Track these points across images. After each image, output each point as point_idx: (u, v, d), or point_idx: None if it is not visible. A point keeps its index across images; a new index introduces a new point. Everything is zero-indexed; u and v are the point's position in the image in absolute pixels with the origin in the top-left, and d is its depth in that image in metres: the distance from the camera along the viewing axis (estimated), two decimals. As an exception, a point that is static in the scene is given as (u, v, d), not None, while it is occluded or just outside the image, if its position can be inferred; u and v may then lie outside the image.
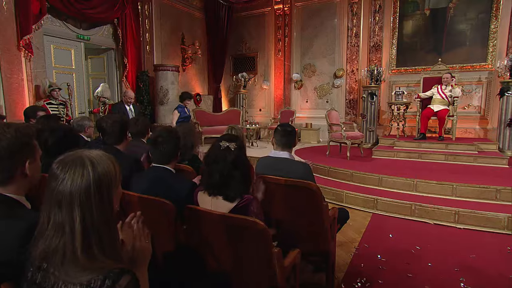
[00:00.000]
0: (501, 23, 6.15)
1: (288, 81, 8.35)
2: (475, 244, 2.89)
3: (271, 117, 8.41)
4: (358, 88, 7.54)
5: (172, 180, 1.69)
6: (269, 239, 1.35)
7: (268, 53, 8.54)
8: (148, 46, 6.92)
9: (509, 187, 3.47)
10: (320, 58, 7.95)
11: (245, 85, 8.35)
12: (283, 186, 1.87)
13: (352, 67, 7.58)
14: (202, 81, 8.61)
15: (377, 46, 7.30)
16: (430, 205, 3.45)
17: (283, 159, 2.02)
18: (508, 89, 5.49)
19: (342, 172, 4.50)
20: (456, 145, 5.27)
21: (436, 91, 5.80)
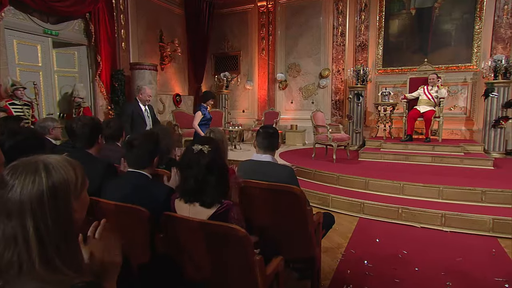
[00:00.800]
0: (485, 23, 6.45)
1: (273, 81, 8.42)
2: (462, 247, 3.00)
3: (254, 119, 8.44)
4: (344, 89, 7.69)
5: (148, 186, 1.67)
6: (250, 247, 1.36)
7: (251, 52, 8.59)
8: (123, 43, 6.82)
9: (494, 189, 3.63)
10: (305, 58, 8.07)
11: (228, 85, 8.35)
12: (266, 191, 1.89)
13: (338, 67, 7.73)
14: (182, 81, 8.55)
15: (363, 45, 7.49)
16: (417, 209, 3.56)
17: (265, 162, 2.04)
18: (492, 90, 5.76)
19: (328, 175, 4.57)
20: (442, 146, 5.47)
21: (422, 92, 6.00)
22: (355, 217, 3.79)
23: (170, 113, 7.57)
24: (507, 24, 6.21)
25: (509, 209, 3.45)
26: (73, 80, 6.15)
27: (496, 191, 3.61)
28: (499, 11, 6.25)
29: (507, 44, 6.25)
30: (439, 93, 5.83)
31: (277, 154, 6.24)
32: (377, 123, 6.91)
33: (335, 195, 4.08)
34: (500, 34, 6.28)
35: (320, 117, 6.03)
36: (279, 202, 1.90)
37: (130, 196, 1.60)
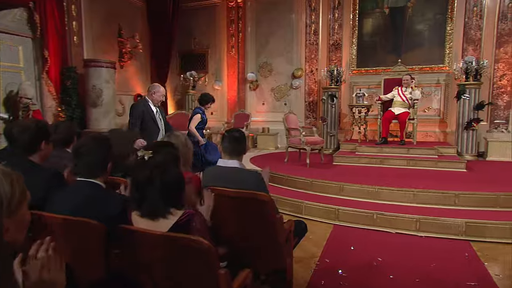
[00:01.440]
0: (456, 25, 6.89)
1: (243, 81, 8.46)
2: (436, 252, 3.16)
3: (224, 121, 8.43)
4: (318, 90, 7.89)
5: (101, 196, 1.63)
6: (215, 260, 1.36)
7: (220, 50, 8.59)
8: (75, 37, 6.57)
9: (466, 192, 3.87)
10: (277, 57, 8.19)
11: (195, 86, 8.29)
12: (233, 199, 1.89)
13: (312, 67, 7.92)
14: (144, 80, 8.38)
15: (337, 44, 7.73)
16: (392, 214, 3.71)
17: (232, 168, 2.05)
18: (464, 91, 6.15)
19: (301, 180, 4.66)
20: (417, 149, 5.75)
21: (396, 93, 6.29)
22: (330, 224, 3.87)
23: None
24: (476, 26, 6.68)
25: (480, 211, 3.68)
26: (16, 77, 5.83)
27: (468, 194, 3.84)
28: (469, 12, 6.70)
29: (477, 45, 6.71)
30: (413, 94, 6.14)
31: (248, 158, 6.27)
32: (351, 125, 7.15)
33: (308, 201, 4.15)
34: (471, 36, 6.74)
35: (293, 119, 6.14)
36: (247, 210, 1.91)
37: (81, 209, 1.54)
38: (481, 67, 6.07)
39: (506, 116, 6.61)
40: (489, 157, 6.18)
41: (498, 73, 6.60)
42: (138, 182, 1.47)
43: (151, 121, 3.93)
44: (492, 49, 6.63)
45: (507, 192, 3.82)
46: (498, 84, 6.61)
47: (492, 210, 3.72)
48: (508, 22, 6.43)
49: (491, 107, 6.61)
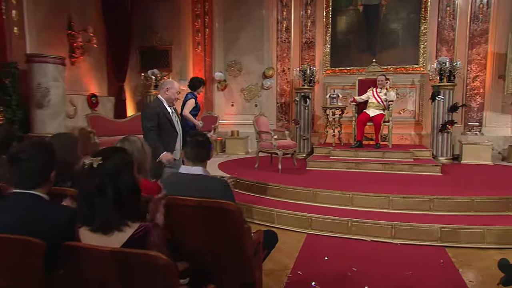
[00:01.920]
0: (430, 24, 7.25)
1: (210, 81, 8.42)
2: (411, 259, 3.27)
3: (189, 124, 8.33)
4: (291, 90, 8.00)
5: (43, 210, 1.54)
6: (174, 276, 1.33)
7: (185, 46, 8.52)
8: (16, 28, 6.23)
9: (441, 196, 4.05)
10: (247, 55, 8.24)
11: (157, 85, 8.14)
12: (196, 208, 1.87)
13: (283, 66, 8.03)
14: (99, 79, 8.12)
15: (309, 43, 7.89)
16: (367, 221, 3.81)
17: (195, 175, 2.03)
18: (438, 93, 6.47)
19: (273, 187, 4.69)
20: (392, 153, 5.97)
21: (371, 95, 6.51)
22: (303, 233, 3.92)
23: (84, 117, 7.11)
24: (449, 26, 7.06)
25: (455, 216, 3.86)
26: None
27: (443, 199, 4.02)
28: (442, 12, 7.08)
29: (450, 46, 7.09)
30: (388, 95, 6.37)
31: (216, 164, 6.24)
32: (325, 128, 7.30)
33: (280, 209, 4.18)
34: (444, 36, 7.11)
35: (264, 122, 6.18)
36: (212, 220, 1.89)
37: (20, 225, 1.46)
38: (455, 68, 6.41)
39: (479, 118, 7.01)
40: (464, 160, 6.52)
41: (471, 75, 7.00)
42: (86, 193, 1.41)
43: (168, 124, 3.57)
44: (465, 50, 7.03)
45: (480, 196, 4.03)
46: (471, 86, 7.01)
47: (466, 214, 3.91)
48: (479, 23, 6.85)
49: (465, 109, 6.99)
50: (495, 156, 6.71)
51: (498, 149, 6.90)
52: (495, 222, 3.66)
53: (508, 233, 3.49)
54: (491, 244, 3.46)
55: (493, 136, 6.87)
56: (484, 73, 6.96)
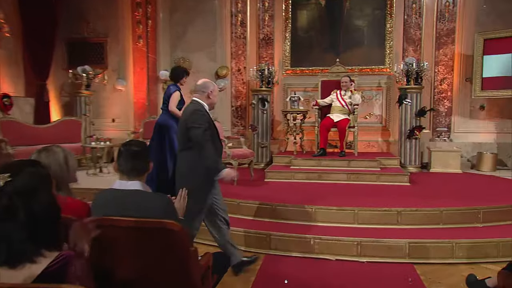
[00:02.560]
0: (396, 22, 7.65)
1: (154, 80, 8.31)
2: (378, 279, 3.39)
3: (130, 131, 8.10)
4: (247, 92, 8.06)
5: None
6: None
7: (123, 39, 8.34)
8: None
9: (409, 208, 4.25)
10: (197, 51, 8.21)
11: (89, 84, 7.90)
12: (131, 230, 1.81)
13: (239, 65, 8.09)
14: (13, 76, 7.69)
15: (267, 39, 8.02)
16: (331, 237, 3.90)
17: (131, 192, 1.97)
18: (406, 96, 6.82)
19: (227, 202, 4.61)
20: (358, 161, 6.18)
21: (335, 98, 6.72)
22: (261, 253, 3.92)
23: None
24: (416, 24, 7.49)
25: (424, 230, 4.07)
26: None
27: (411, 211, 4.21)
28: (408, 9, 7.50)
29: (417, 46, 7.52)
30: (353, 99, 6.61)
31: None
32: (286, 134, 7.42)
33: (235, 227, 4.14)
34: (411, 35, 7.53)
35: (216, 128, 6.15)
36: (151, 243, 1.84)
37: None
38: (422, 70, 6.80)
39: (448, 123, 7.48)
40: (432, 169, 6.90)
41: (439, 77, 7.46)
42: None
43: (216, 135, 3.32)
44: (432, 50, 7.49)
45: (449, 207, 4.27)
46: (439, 89, 7.48)
47: (435, 227, 4.13)
48: (446, 22, 7.34)
49: (433, 113, 7.43)
50: (464, 164, 7.17)
51: (467, 156, 7.39)
52: (464, 234, 3.89)
53: (477, 246, 3.72)
54: (460, 259, 3.67)
55: (462, 142, 7.35)
56: (451, 75, 7.45)
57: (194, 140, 3.00)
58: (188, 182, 2.78)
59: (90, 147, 6.74)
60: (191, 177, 3.02)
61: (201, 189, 3.05)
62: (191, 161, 3.05)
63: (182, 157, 3.15)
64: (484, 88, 7.10)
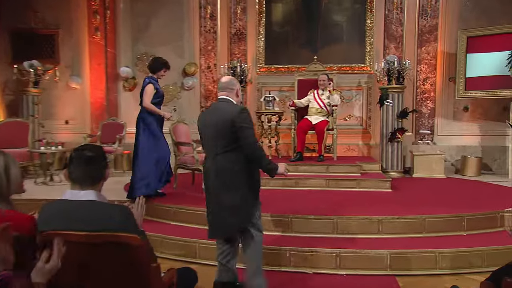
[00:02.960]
0: (376, 18, 7.82)
1: (114, 77, 8.22)
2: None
3: (86, 134, 7.98)
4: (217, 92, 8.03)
5: None
6: None
7: (78, 31, 8.22)
8: None
9: (390, 216, 4.32)
10: (162, 46, 8.14)
11: (38, 81, 7.72)
12: (84, 246, 1.77)
13: (208, 62, 8.06)
14: None
15: (240, 34, 8.03)
16: (308, 249, 3.92)
17: (85, 202, 1.92)
18: (387, 96, 6.97)
19: (196, 212, 4.64)
20: (337, 166, 6.26)
21: (312, 98, 6.78)
22: (230, 268, 3.93)
23: None
24: (397, 20, 7.67)
25: (406, 239, 4.14)
26: None
27: (393, 219, 4.29)
28: (389, 4, 7.68)
29: (399, 43, 7.71)
30: (332, 99, 6.68)
31: (122, 185, 6.00)
32: (260, 137, 7.43)
33: (204, 240, 4.09)
34: (392, 32, 7.71)
35: (183, 130, 6.12)
36: (107, 260, 1.81)
37: None
38: (404, 69, 6.97)
39: (431, 125, 7.69)
40: (415, 174, 7.08)
41: (421, 76, 7.67)
42: None
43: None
44: (414, 48, 7.70)
45: (432, 214, 4.38)
46: (422, 89, 7.68)
47: (417, 236, 4.21)
48: (428, 18, 7.56)
49: (416, 115, 7.62)
50: (448, 168, 7.39)
51: (451, 160, 7.62)
52: (448, 243, 3.98)
53: (461, 255, 3.81)
54: (444, 270, 3.76)
55: (446, 145, 7.57)
56: (434, 74, 7.67)
57: (246, 141, 3.01)
58: (241, 185, 3.03)
59: (39, 152, 6.55)
60: (244, 180, 3.09)
61: (255, 190, 3.23)
62: (242, 162, 3.05)
63: (226, 159, 3.06)
64: (468, 88, 7.33)
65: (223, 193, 3.03)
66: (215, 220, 3.13)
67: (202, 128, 3.24)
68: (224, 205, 3.04)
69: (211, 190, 3.13)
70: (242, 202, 3.05)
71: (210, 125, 3.12)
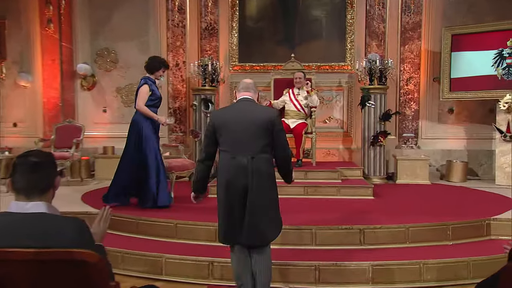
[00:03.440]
0: (357, 13, 7.93)
1: (70, 75, 8.13)
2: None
3: (38, 138, 7.77)
4: (187, 92, 8.01)
5: None
6: None
7: (27, 23, 8.08)
8: None
9: (372, 226, 4.38)
10: (125, 41, 8.08)
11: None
12: (33, 264, 1.72)
13: (177, 59, 8.02)
14: None
15: (211, 29, 8.01)
16: (285, 262, 3.92)
17: (33, 215, 1.87)
18: (369, 98, 7.06)
19: (161, 224, 4.62)
20: (317, 172, 6.32)
21: (288, 99, 6.81)
22: (202, 284, 3.91)
23: None
24: (379, 16, 7.81)
25: (388, 249, 4.20)
26: None
27: (375, 229, 4.35)
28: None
29: (381, 41, 7.84)
30: (310, 100, 6.73)
31: (79, 195, 5.90)
32: (234, 141, 7.41)
33: (171, 254, 4.12)
34: (374, 28, 7.83)
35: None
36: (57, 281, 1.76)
37: None
38: (386, 68, 7.09)
39: (415, 128, 7.84)
40: (399, 179, 7.20)
41: (405, 76, 7.82)
42: None
43: None
44: (397, 46, 7.84)
45: (416, 223, 4.46)
46: (405, 89, 7.82)
47: (401, 246, 4.29)
48: (411, 14, 7.71)
49: (399, 117, 7.75)
50: (433, 174, 7.55)
51: (436, 165, 7.78)
52: (433, 254, 4.05)
53: (446, 267, 3.89)
54: (429, 282, 3.82)
55: (430, 149, 7.74)
56: (418, 74, 7.83)
57: (281, 144, 3.22)
58: (272, 189, 3.23)
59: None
60: (273, 183, 3.26)
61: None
62: (271, 166, 3.22)
63: (260, 161, 3.14)
64: (453, 89, 7.49)
65: (262, 195, 3.12)
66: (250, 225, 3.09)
67: (222, 126, 3.24)
68: (262, 208, 3.13)
69: (240, 191, 3.10)
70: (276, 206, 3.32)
71: (240, 124, 3.18)
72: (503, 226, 4.62)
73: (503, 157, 6.92)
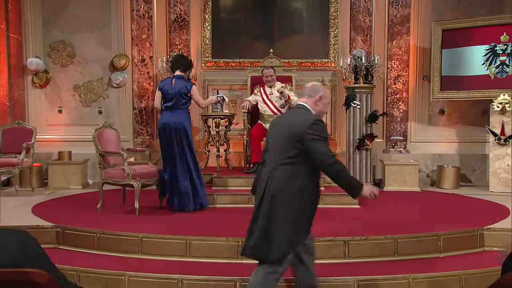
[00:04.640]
0: (342, 5, 8.00)
1: (19, 71, 8.00)
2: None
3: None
4: (154, 90, 7.90)
5: None
6: None
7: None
8: None
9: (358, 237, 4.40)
10: (84, 33, 8.02)
11: None
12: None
13: (143, 54, 7.96)
14: None
15: (181, 21, 7.96)
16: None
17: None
18: (354, 97, 7.10)
19: (125, 238, 4.59)
20: (297, 179, 6.30)
21: (261, 100, 6.79)
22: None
23: None
24: (365, 9, 7.88)
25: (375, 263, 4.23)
26: None
27: (360, 240, 4.39)
28: (355, -9, 7.88)
29: (367, 35, 7.91)
30: (291, 102, 6.71)
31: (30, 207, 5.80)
32: (206, 145, 7.37)
33: (135, 272, 4.08)
34: (359, 22, 7.91)
35: (111, 137, 5.99)
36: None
37: None
38: (372, 65, 7.16)
39: (404, 130, 7.92)
40: (387, 186, 7.27)
41: (392, 74, 7.90)
42: None
43: None
44: (384, 42, 7.93)
45: (404, 234, 4.51)
46: (393, 89, 7.91)
47: (388, 259, 4.33)
48: (399, 7, 7.80)
49: (387, 118, 7.83)
50: (423, 180, 7.65)
51: (426, 170, 7.88)
52: (422, 267, 4.10)
53: (436, 281, 3.93)
54: (419, 298, 3.87)
55: (420, 154, 7.84)
56: (407, 72, 7.92)
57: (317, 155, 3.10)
58: (297, 205, 3.17)
59: None
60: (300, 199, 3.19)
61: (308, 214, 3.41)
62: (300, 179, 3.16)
63: (280, 173, 3.14)
64: (444, 88, 7.57)
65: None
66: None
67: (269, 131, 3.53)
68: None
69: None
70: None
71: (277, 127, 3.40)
72: (497, 236, 4.70)
73: (497, 161, 7.05)
